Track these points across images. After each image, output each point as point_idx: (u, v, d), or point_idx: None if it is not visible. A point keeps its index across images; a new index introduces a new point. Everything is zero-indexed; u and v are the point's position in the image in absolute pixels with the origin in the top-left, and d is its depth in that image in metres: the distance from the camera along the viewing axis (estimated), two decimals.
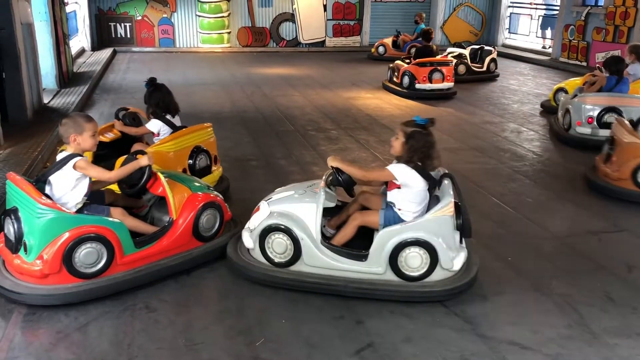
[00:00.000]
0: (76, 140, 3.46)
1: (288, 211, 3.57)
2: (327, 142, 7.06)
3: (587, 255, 4.16)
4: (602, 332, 3.20)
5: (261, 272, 3.56)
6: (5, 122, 6.54)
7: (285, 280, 3.54)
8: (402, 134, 3.52)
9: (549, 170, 6.12)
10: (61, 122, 3.54)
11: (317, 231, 3.50)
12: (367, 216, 3.63)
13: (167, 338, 3.06)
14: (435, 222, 3.42)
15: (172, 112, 4.87)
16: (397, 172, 3.49)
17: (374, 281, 3.48)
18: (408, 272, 3.46)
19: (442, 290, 3.44)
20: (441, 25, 17.62)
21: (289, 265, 3.56)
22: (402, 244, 3.40)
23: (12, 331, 3.11)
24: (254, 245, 3.61)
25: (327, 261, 3.50)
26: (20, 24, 7.25)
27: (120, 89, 10.23)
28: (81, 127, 3.47)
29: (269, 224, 3.54)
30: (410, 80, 9.78)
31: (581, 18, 13.51)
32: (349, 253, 3.51)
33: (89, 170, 3.48)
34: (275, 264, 3.58)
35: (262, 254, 3.60)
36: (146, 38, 15.90)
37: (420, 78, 9.68)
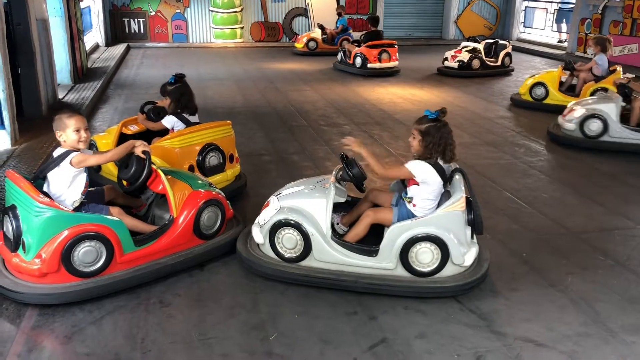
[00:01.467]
0: (62, 137, 3.44)
1: (298, 206, 3.56)
2: (340, 137, 7.02)
3: (603, 251, 4.10)
4: (619, 329, 3.16)
5: (271, 268, 3.56)
6: (20, 117, 6.59)
7: (295, 275, 3.53)
8: (417, 133, 3.50)
9: (565, 166, 6.05)
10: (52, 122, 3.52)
11: (327, 226, 3.50)
12: (379, 213, 3.61)
13: (180, 332, 3.07)
14: (447, 218, 3.40)
15: (189, 111, 4.86)
16: (416, 170, 3.47)
17: (384, 277, 3.46)
18: (419, 267, 3.44)
19: (453, 286, 3.42)
20: (455, 20, 17.48)
21: (299, 261, 3.56)
22: (412, 239, 3.38)
23: (27, 324, 3.13)
24: (264, 241, 3.61)
25: (338, 257, 3.50)
26: (36, 20, 7.30)
27: (134, 85, 10.27)
28: (63, 123, 3.43)
29: (279, 219, 3.54)
30: (363, 61, 11.25)
31: (598, 11, 13.33)
32: (359, 248, 3.50)
33: (87, 161, 3.46)
34: (286, 259, 3.58)
35: (272, 249, 3.60)
36: (159, 33, 15.96)
37: (372, 58, 11.21)
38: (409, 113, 8.28)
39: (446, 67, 11.62)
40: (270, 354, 2.90)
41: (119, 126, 4.99)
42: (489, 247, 4.13)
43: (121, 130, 4.97)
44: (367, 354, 2.91)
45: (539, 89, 8.62)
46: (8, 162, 5.45)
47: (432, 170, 3.46)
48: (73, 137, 3.44)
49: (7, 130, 5.90)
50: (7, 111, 5.87)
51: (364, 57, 11.24)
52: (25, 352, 2.91)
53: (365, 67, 11.25)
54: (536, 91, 8.66)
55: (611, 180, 5.64)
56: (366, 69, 11.25)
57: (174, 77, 4.89)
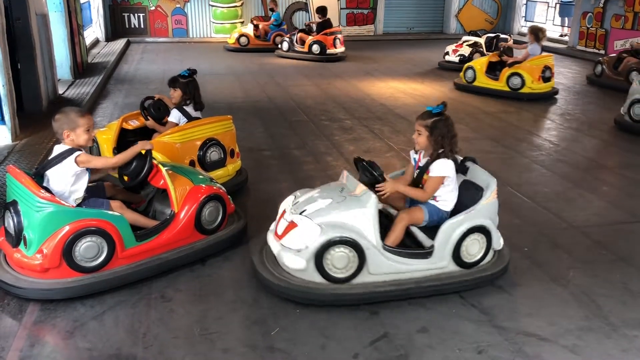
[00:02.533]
0: (70, 136, 3.40)
1: (341, 222, 3.26)
2: (341, 132, 7.02)
3: (605, 246, 4.10)
4: (621, 323, 3.15)
5: (321, 293, 3.23)
6: (20, 112, 6.58)
7: (351, 296, 3.25)
8: (424, 129, 3.47)
9: (566, 160, 6.04)
10: (54, 117, 3.45)
11: (377, 237, 3.28)
12: (413, 214, 3.49)
13: (182, 327, 3.07)
14: (490, 207, 3.51)
15: (199, 106, 4.91)
16: (445, 171, 3.44)
17: (439, 276, 3.41)
18: (468, 259, 3.46)
19: (496, 272, 3.51)
20: (456, 14, 17.42)
21: (351, 279, 3.27)
22: (465, 233, 3.38)
23: (29, 320, 3.13)
24: (306, 266, 3.22)
25: (394, 265, 3.31)
26: (35, 15, 7.28)
27: (134, 80, 10.25)
28: (74, 122, 3.40)
29: (329, 239, 3.18)
30: (322, 48, 12.39)
31: (599, 5, 13.28)
32: (413, 253, 3.37)
33: (92, 162, 3.45)
34: (337, 279, 3.26)
35: (318, 273, 3.23)
36: (160, 28, 15.92)
37: (329, 45, 12.42)
38: (409, 107, 8.27)
39: (447, 61, 11.60)
40: (272, 349, 2.90)
41: (120, 121, 4.98)
42: None
43: (122, 125, 4.95)
44: (368, 349, 2.91)
45: (469, 72, 9.41)
46: (9, 158, 5.44)
47: (452, 165, 3.47)
48: (84, 137, 3.44)
49: (7, 126, 5.89)
50: (7, 107, 5.86)
51: (322, 45, 12.36)
52: (28, 347, 2.91)
53: (325, 53, 12.41)
54: (467, 74, 9.45)
55: (610, 175, 5.62)
56: (325, 55, 12.40)
57: (188, 71, 4.90)
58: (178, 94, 4.86)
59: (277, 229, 3.51)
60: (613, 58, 9.90)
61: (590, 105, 8.68)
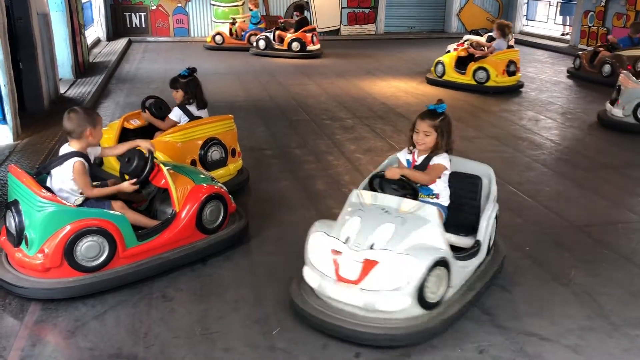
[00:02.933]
0: (92, 134, 3.46)
1: (419, 244, 2.99)
2: (342, 131, 7.02)
3: (606, 244, 4.09)
4: (622, 323, 3.15)
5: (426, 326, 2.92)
6: (22, 112, 6.58)
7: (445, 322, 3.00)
8: (432, 129, 3.39)
9: (568, 159, 6.03)
10: (68, 116, 3.45)
11: (448, 248, 3.09)
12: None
13: (183, 327, 3.07)
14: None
15: (201, 104, 4.91)
16: (446, 162, 3.42)
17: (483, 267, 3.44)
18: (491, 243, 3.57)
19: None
20: (457, 13, 17.40)
21: (441, 300, 3.04)
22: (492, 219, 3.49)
23: (30, 319, 3.14)
24: (411, 302, 2.88)
25: (463, 271, 3.19)
26: (37, 14, 7.28)
27: (136, 79, 10.25)
28: (95, 120, 3.49)
29: (428, 265, 2.87)
30: (302, 45, 12.65)
31: (601, 4, 13.25)
32: (469, 254, 3.27)
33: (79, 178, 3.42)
34: (433, 305, 2.98)
35: (419, 305, 2.91)
36: (161, 28, 15.91)
37: (308, 42, 12.68)
38: (411, 107, 8.26)
39: None
40: (273, 349, 2.90)
41: (121, 121, 4.99)
42: None
43: (123, 124, 4.96)
44: (369, 349, 2.91)
45: (439, 67, 9.74)
46: (10, 157, 5.45)
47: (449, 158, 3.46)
48: (100, 135, 3.55)
49: (9, 125, 5.90)
50: (9, 106, 5.87)
51: (302, 42, 12.64)
52: (29, 346, 2.91)
53: (305, 50, 12.67)
54: (437, 69, 9.76)
55: (612, 173, 5.62)
56: (305, 52, 12.67)
57: (187, 70, 4.90)
58: (180, 94, 4.87)
59: (340, 273, 2.96)
60: (590, 52, 10.45)
61: (592, 104, 8.66)
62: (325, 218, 4.39)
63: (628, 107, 6.97)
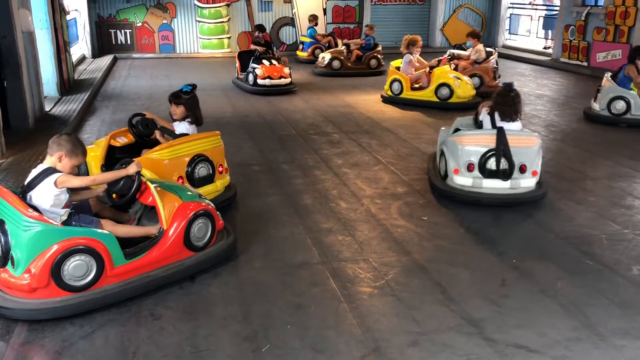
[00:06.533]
0: (61, 160, 3.43)
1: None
2: (329, 145, 7.06)
3: (592, 256, 4.14)
4: (609, 333, 3.18)
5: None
6: (7, 130, 6.54)
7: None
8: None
9: (551, 171, 6.10)
10: (61, 135, 3.49)
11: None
12: None
13: (172, 345, 3.05)
14: None
15: (197, 122, 4.95)
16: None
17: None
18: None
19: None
20: (441, 27, 17.62)
21: None
22: None
23: (17, 340, 3.10)
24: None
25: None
26: (22, 32, 7.26)
27: (122, 96, 10.24)
28: (75, 153, 3.46)
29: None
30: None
31: (581, 18, 13.50)
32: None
33: (70, 182, 3.44)
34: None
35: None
36: (146, 44, 15.93)
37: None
38: (396, 121, 8.33)
39: None
40: None
41: (107, 138, 4.97)
42: (478, 252, 4.17)
43: (109, 142, 4.95)
44: None
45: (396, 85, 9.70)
46: None
47: None
48: (67, 170, 3.47)
49: None
50: None
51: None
52: None
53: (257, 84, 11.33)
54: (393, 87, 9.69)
55: (596, 185, 5.69)
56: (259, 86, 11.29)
57: (189, 86, 4.94)
58: (181, 110, 4.88)
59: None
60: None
61: (573, 116, 8.80)
62: (313, 234, 4.46)
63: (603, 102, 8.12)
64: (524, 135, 5.22)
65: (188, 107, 4.89)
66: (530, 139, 5.18)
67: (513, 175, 5.01)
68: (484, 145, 5.04)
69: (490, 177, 5.03)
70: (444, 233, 4.52)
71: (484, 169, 5.02)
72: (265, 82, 10.22)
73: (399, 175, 5.87)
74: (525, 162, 5.03)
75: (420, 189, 5.48)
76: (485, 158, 5.01)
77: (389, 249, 4.22)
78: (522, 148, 5.04)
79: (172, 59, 15.42)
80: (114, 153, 4.96)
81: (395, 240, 4.37)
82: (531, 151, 5.09)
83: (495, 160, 4.97)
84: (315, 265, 3.96)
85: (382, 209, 5.00)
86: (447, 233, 4.52)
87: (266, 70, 10.24)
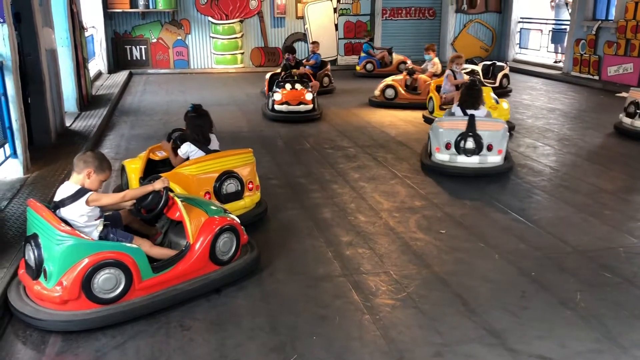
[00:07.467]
0: (90, 177, 3.55)
1: None
2: (345, 160, 7.15)
3: (610, 268, 4.19)
4: (630, 345, 3.23)
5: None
6: (30, 146, 6.69)
7: None
8: None
9: (568, 185, 6.16)
10: (84, 152, 3.62)
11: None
12: None
13: (202, 355, 3.14)
14: None
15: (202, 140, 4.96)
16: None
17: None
18: None
19: None
20: (452, 42, 17.76)
21: None
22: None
23: (52, 350, 3.20)
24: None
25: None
26: (45, 50, 7.45)
27: (139, 111, 10.41)
28: (102, 169, 3.59)
29: None
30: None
31: (592, 32, 13.59)
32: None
33: (101, 201, 3.57)
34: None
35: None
36: (161, 60, 16.18)
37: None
38: (410, 135, 8.42)
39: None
40: None
41: (147, 152, 5.20)
42: (497, 266, 4.23)
43: (149, 156, 5.16)
44: None
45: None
46: (21, 191, 5.54)
47: None
48: (96, 185, 3.60)
49: (19, 159, 6.00)
50: (19, 140, 5.98)
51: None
52: None
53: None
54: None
55: (612, 199, 5.74)
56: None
57: (192, 106, 5.05)
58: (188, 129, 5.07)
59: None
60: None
61: (588, 130, 8.85)
62: (333, 247, 4.54)
63: None
64: (491, 121, 6.47)
65: (187, 127, 5.00)
66: (496, 124, 6.40)
67: (482, 153, 6.23)
68: (459, 129, 6.30)
69: (463, 154, 6.27)
70: (462, 246, 4.58)
71: (458, 147, 6.26)
72: (282, 107, 9.48)
73: (415, 189, 5.95)
74: (492, 142, 6.26)
75: (438, 203, 5.56)
76: (459, 139, 6.23)
77: (409, 262, 4.30)
78: (489, 131, 6.27)
79: (186, 74, 15.65)
80: (156, 166, 5.13)
81: (415, 253, 4.44)
82: (497, 134, 6.29)
83: (463, 140, 6.22)
84: (337, 278, 4.04)
85: (400, 222, 5.08)
86: (466, 246, 4.59)
87: (284, 95, 9.53)
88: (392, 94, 10.63)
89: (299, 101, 9.47)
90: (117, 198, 3.72)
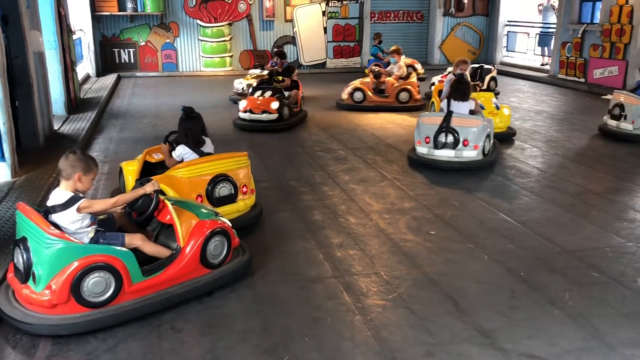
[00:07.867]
0: (81, 180, 3.50)
1: None
2: (335, 162, 7.18)
3: (598, 268, 4.25)
4: (618, 343, 3.28)
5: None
6: (18, 149, 6.64)
7: None
8: None
9: (555, 186, 6.23)
10: (67, 156, 3.52)
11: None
12: None
13: (194, 357, 3.14)
14: None
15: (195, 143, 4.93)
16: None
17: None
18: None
19: None
20: (439, 45, 17.87)
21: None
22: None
23: (42, 354, 3.18)
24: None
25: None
26: (33, 53, 7.41)
27: (128, 114, 10.37)
28: (89, 168, 3.53)
29: None
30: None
31: (578, 35, 13.75)
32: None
33: (93, 207, 3.53)
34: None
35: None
36: (150, 63, 16.12)
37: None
38: (399, 137, 8.47)
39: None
40: None
41: (143, 155, 5.20)
42: (486, 266, 4.27)
43: (145, 158, 5.17)
44: None
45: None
46: (9, 194, 5.50)
47: None
48: (88, 185, 3.57)
49: (7, 163, 5.95)
50: (7, 144, 5.93)
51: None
52: None
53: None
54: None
55: (599, 199, 5.82)
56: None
57: (183, 109, 5.04)
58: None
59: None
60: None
61: (574, 132, 8.96)
62: (324, 249, 4.56)
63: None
64: (468, 118, 6.70)
65: (178, 129, 4.99)
66: (472, 121, 6.66)
67: (458, 147, 6.56)
68: (437, 124, 6.66)
69: (440, 148, 6.63)
70: (452, 247, 4.62)
71: (436, 141, 6.63)
72: (246, 115, 8.98)
73: (405, 191, 5.99)
74: (468, 138, 6.56)
75: (427, 204, 5.60)
76: (437, 133, 6.62)
77: (399, 263, 4.33)
78: (465, 127, 6.59)
79: (175, 77, 15.61)
80: (153, 168, 5.13)
81: (405, 254, 4.47)
82: (473, 130, 6.58)
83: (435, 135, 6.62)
84: (328, 279, 4.06)
85: (390, 223, 5.11)
86: (455, 247, 4.62)
87: (248, 102, 9.03)
88: (361, 97, 10.63)
89: (263, 109, 8.89)
90: (109, 204, 3.68)
